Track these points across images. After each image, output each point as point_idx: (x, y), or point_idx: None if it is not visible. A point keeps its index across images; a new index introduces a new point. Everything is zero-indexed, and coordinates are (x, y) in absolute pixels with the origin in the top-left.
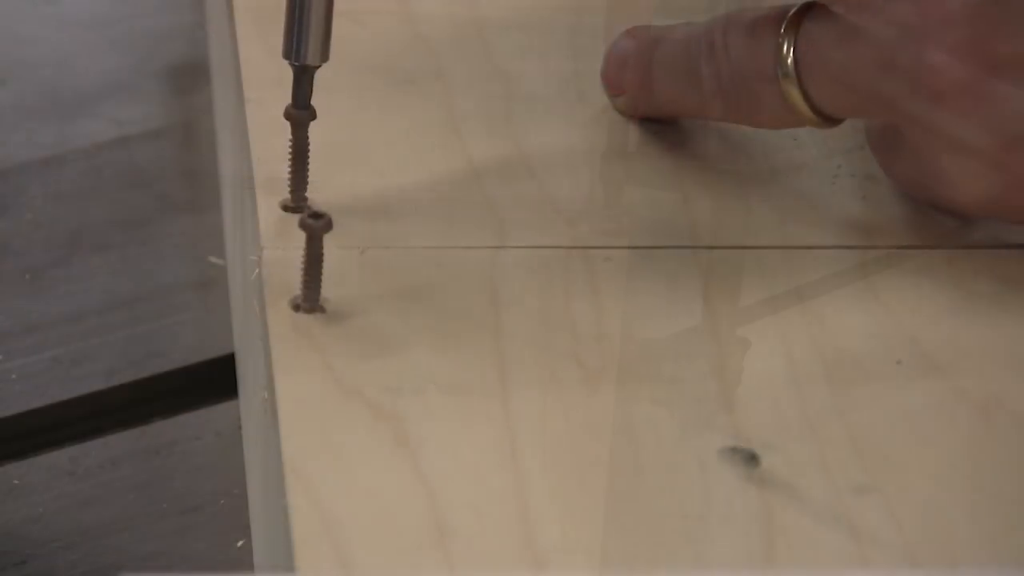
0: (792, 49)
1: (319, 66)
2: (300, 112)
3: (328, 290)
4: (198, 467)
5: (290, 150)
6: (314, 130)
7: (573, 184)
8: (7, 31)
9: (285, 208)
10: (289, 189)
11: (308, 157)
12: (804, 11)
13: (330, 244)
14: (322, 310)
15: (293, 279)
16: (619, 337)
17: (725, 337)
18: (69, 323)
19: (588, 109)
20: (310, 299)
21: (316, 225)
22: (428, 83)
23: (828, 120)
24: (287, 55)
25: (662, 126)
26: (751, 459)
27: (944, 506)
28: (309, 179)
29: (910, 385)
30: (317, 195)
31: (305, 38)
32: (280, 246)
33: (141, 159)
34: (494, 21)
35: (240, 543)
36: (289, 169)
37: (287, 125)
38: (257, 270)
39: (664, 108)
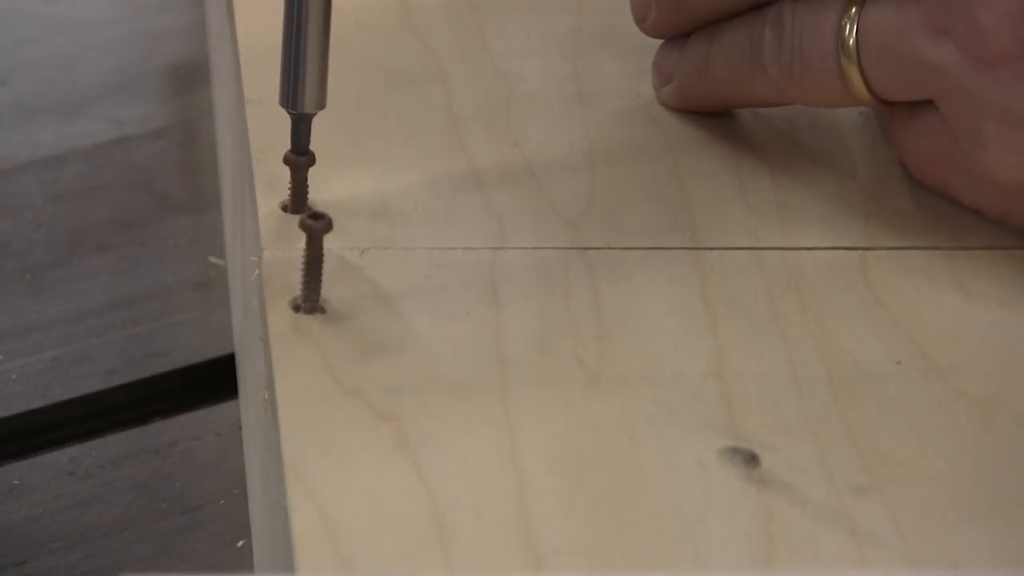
0: (855, 28)
1: (316, 113)
2: (299, 158)
3: (328, 290)
4: (198, 467)
5: (289, 192)
6: (314, 129)
7: (573, 184)
8: (7, 31)
9: (285, 208)
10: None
11: (307, 199)
12: None
13: (330, 244)
14: (322, 310)
15: (293, 279)
16: (619, 337)
17: (725, 337)
18: (69, 323)
19: (588, 109)
20: (310, 299)
21: (316, 226)
22: (428, 83)
23: (881, 101)
24: (284, 103)
25: (661, 127)
26: (751, 459)
27: (944, 506)
28: (309, 179)
29: (910, 385)
30: (317, 195)
31: (302, 86)
32: (280, 246)
33: (141, 159)
34: (494, 21)
35: (240, 543)
36: (290, 211)
37: (287, 125)
38: (257, 270)
39: (716, 87)
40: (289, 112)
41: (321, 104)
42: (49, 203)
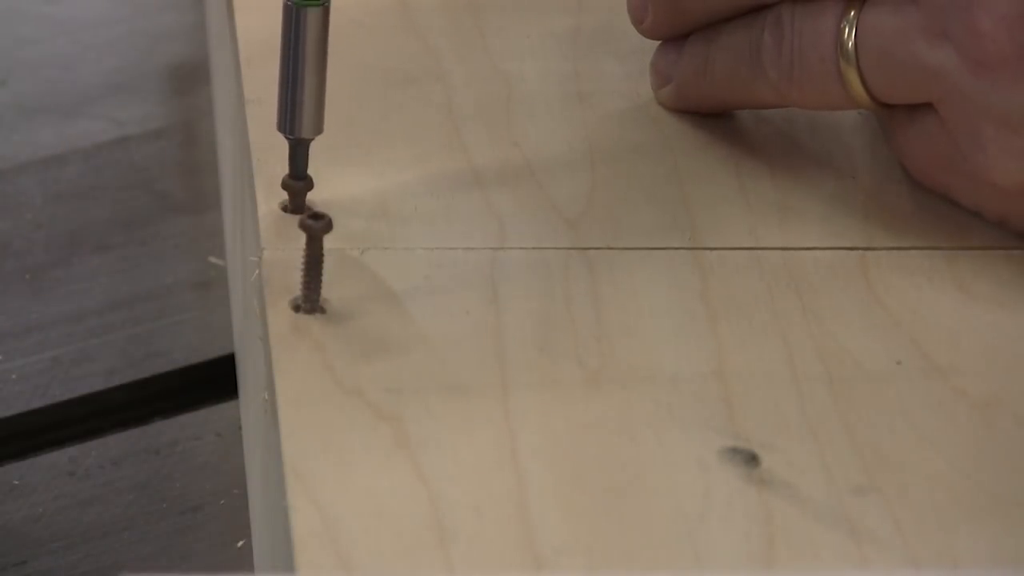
0: (854, 31)
1: (313, 139)
2: (297, 183)
3: (328, 290)
4: (198, 467)
5: (289, 212)
6: None
7: (573, 184)
8: (7, 31)
9: (285, 209)
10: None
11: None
12: None
13: (330, 244)
14: (322, 311)
15: (293, 280)
16: (619, 337)
17: (725, 337)
18: (69, 323)
19: (588, 109)
20: (310, 300)
21: (316, 226)
22: (428, 83)
23: (880, 104)
24: (281, 129)
25: (661, 127)
26: (751, 459)
27: (944, 506)
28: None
29: (910, 385)
30: (317, 195)
31: (299, 112)
32: (280, 246)
33: (141, 159)
34: (494, 21)
35: (240, 543)
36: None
37: None
38: (257, 271)
39: (714, 89)
40: (287, 137)
41: (319, 129)
42: (49, 203)
